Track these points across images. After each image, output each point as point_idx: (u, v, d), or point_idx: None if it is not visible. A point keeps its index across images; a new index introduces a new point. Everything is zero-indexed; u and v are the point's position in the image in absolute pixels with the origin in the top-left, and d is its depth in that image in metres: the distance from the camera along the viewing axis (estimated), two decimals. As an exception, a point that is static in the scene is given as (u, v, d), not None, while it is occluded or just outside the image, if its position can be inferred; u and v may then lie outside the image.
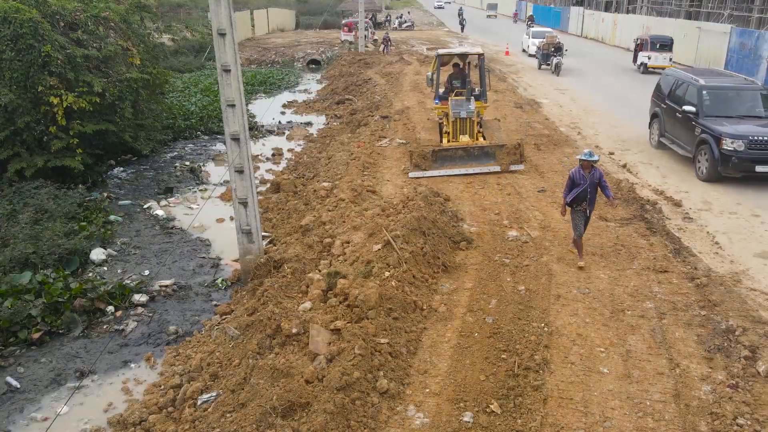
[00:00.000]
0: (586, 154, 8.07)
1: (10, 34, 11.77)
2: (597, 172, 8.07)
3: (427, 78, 14.49)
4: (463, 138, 12.82)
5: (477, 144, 12.66)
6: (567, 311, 7.26)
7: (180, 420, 6.32)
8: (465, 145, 12.56)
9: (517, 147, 12.45)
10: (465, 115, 12.76)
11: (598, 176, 8.07)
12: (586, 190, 8.01)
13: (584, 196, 8.04)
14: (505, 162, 12.35)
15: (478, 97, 13.72)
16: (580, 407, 5.69)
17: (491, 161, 12.43)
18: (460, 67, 14.33)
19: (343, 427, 5.45)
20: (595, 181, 8.03)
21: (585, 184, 7.99)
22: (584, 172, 8.01)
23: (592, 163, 7.99)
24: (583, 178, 8.01)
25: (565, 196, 8.22)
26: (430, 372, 6.30)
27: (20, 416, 6.70)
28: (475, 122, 12.99)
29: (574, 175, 8.05)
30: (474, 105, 12.99)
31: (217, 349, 7.42)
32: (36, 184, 11.86)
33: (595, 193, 8.15)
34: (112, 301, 8.71)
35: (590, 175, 8.01)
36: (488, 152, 12.47)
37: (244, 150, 8.64)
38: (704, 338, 6.65)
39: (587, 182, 7.99)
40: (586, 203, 8.11)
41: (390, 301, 7.08)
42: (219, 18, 8.05)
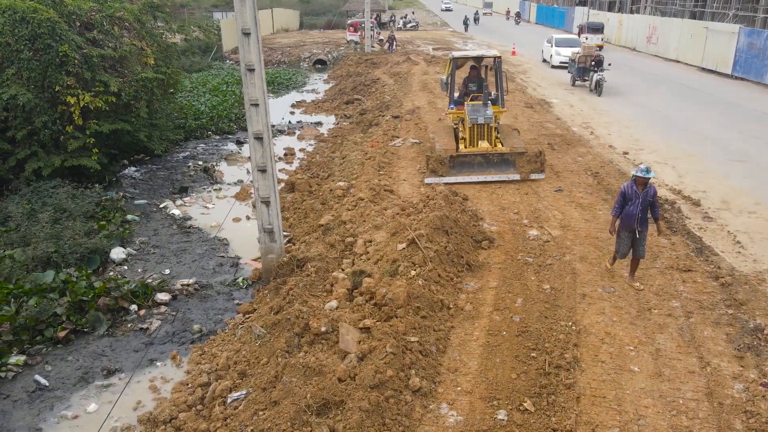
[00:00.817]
0: (642, 170, 7.40)
1: (28, 33, 11.80)
2: (651, 189, 7.47)
3: (442, 82, 14.02)
4: (482, 144, 12.28)
5: (496, 150, 12.15)
6: (593, 310, 7.28)
7: (210, 418, 6.33)
8: (484, 152, 12.06)
9: (539, 155, 11.97)
10: (483, 120, 12.21)
11: (652, 194, 7.46)
12: (639, 208, 7.42)
13: (635, 215, 7.46)
14: (525, 170, 11.93)
15: (495, 102, 13.18)
16: (613, 405, 5.70)
17: (511, 169, 12.00)
18: (476, 70, 13.80)
19: (379, 425, 5.47)
20: (648, 198, 7.44)
21: (637, 202, 7.39)
22: (638, 188, 7.42)
23: (647, 179, 7.36)
24: (636, 195, 7.41)
25: (614, 213, 7.63)
26: (460, 370, 6.32)
27: (50, 414, 6.72)
28: (493, 128, 12.50)
29: (626, 191, 7.49)
30: (491, 110, 12.50)
31: (243, 348, 7.44)
32: (53, 183, 11.89)
33: (647, 213, 7.58)
34: (135, 300, 8.74)
35: (644, 192, 7.40)
36: (508, 159, 12.02)
37: (268, 149, 8.66)
38: (733, 337, 6.66)
39: (639, 199, 7.39)
40: (636, 222, 7.49)
41: (418, 300, 7.10)
42: (244, 17, 8.06)
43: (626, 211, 7.46)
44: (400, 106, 19.66)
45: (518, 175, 11.90)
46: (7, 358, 7.41)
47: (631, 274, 7.82)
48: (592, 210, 10.46)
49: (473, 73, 13.71)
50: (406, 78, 25.23)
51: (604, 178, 12.09)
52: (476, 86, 13.53)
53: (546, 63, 29.24)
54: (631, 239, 7.63)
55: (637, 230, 7.51)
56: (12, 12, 11.77)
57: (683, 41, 29.60)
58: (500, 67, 13.23)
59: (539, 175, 11.95)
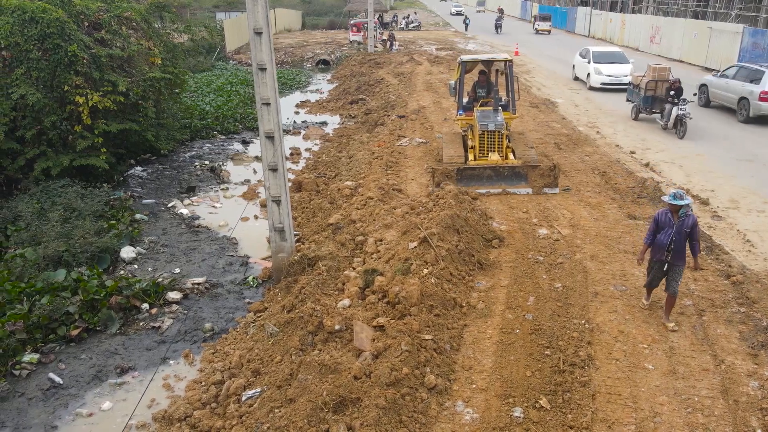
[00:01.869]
0: (670, 195, 6.63)
1: (37, 33, 11.84)
2: (690, 219, 6.61)
3: (450, 87, 13.46)
4: (492, 156, 11.65)
5: (507, 163, 11.51)
6: (606, 308, 7.30)
7: (225, 416, 6.36)
8: (494, 164, 11.42)
9: (552, 169, 11.26)
10: (494, 127, 11.58)
11: (690, 224, 6.60)
12: (672, 238, 6.65)
13: (666, 245, 6.68)
14: (538, 184, 11.26)
15: (506, 108, 12.52)
16: (629, 403, 5.72)
17: (522, 182, 11.35)
18: (485, 74, 13.24)
19: (396, 422, 5.49)
20: (685, 229, 6.60)
21: (670, 232, 6.64)
22: (672, 216, 6.67)
23: (681, 207, 6.58)
24: (670, 223, 6.65)
25: (646, 241, 6.99)
26: (475, 368, 6.34)
27: (65, 411, 6.75)
28: (504, 135, 11.88)
29: (659, 218, 6.77)
30: (502, 116, 11.85)
31: (255, 346, 7.46)
32: (62, 182, 11.92)
33: (684, 244, 6.70)
34: (147, 299, 8.77)
35: (680, 221, 6.60)
36: (519, 173, 11.39)
37: (279, 149, 8.68)
38: (746, 335, 6.68)
39: (673, 229, 6.63)
40: (667, 254, 6.71)
41: (431, 298, 7.12)
42: (256, 17, 8.10)
43: (658, 240, 6.77)
44: (405, 105, 19.68)
45: (530, 189, 11.28)
46: (21, 356, 7.44)
47: (665, 313, 6.99)
48: (601, 209, 10.48)
49: (482, 77, 13.19)
50: (410, 78, 25.25)
51: (612, 177, 12.11)
52: (486, 91, 13.04)
53: (579, 82, 23.41)
54: (661, 271, 6.87)
55: (667, 262, 6.76)
56: (21, 12, 11.80)
57: (687, 41, 29.61)
58: (512, 71, 12.63)
59: (553, 189, 11.27)
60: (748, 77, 16.77)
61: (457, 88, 12.91)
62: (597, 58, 22.16)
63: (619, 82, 20.72)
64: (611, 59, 22.05)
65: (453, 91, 13.25)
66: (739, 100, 16.82)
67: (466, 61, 13.09)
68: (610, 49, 24.12)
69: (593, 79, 21.74)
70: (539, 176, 11.31)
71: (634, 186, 11.49)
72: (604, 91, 21.34)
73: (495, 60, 13.19)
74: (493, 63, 13.45)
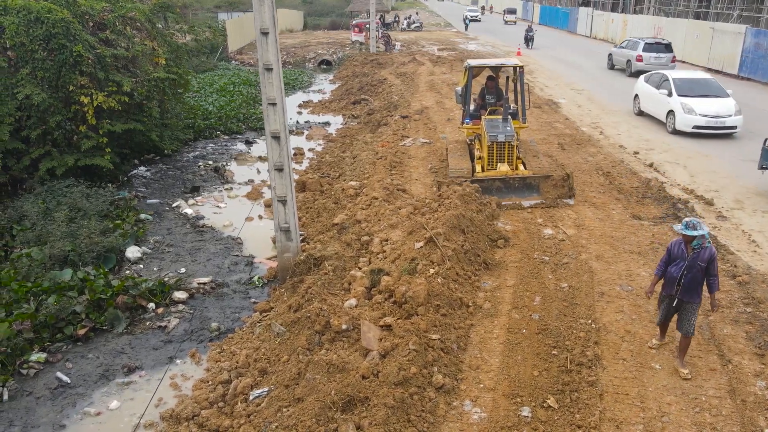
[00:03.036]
0: (683, 225, 5.87)
1: (42, 34, 11.86)
2: (706, 252, 5.85)
3: (456, 94, 12.61)
4: (501, 167, 10.88)
5: (518, 174, 10.78)
6: (612, 308, 7.31)
7: (233, 415, 6.37)
8: (503, 176, 10.70)
9: (566, 179, 10.62)
10: (503, 138, 10.77)
11: (706, 258, 5.85)
12: (683, 272, 5.94)
13: (676, 279, 5.99)
14: (551, 195, 10.61)
15: (515, 116, 11.86)
16: (636, 402, 5.74)
17: (534, 194, 10.66)
18: (494, 80, 12.50)
19: (404, 421, 5.50)
20: (699, 263, 5.85)
21: (682, 264, 5.93)
22: (686, 247, 5.93)
23: (694, 238, 5.83)
24: (682, 255, 5.93)
25: (656, 272, 6.29)
26: (482, 367, 6.36)
27: (73, 411, 6.76)
28: (515, 147, 11.06)
29: (672, 248, 6.08)
30: (512, 126, 11.11)
31: (262, 346, 7.48)
32: (67, 182, 11.94)
33: (698, 280, 5.91)
34: (153, 298, 8.79)
35: (694, 253, 5.88)
36: (531, 184, 10.71)
37: (285, 149, 8.70)
38: (753, 335, 6.69)
39: (686, 262, 5.91)
40: (677, 288, 6.00)
41: (437, 298, 7.13)
42: (262, 17, 8.11)
43: (668, 272, 6.08)
44: (408, 106, 19.70)
45: (543, 200, 10.62)
46: (29, 355, 7.46)
47: (678, 356, 6.22)
48: (606, 209, 10.49)
49: (491, 83, 12.43)
50: (412, 78, 25.27)
51: (616, 177, 12.12)
52: (494, 98, 12.28)
53: (646, 119, 17.14)
54: (671, 307, 6.17)
55: (677, 298, 6.05)
56: (27, 12, 11.82)
57: (689, 42, 29.62)
58: (522, 77, 11.89)
59: (568, 201, 10.62)
60: (631, 47, 25.42)
61: (464, 95, 12.22)
62: (682, 89, 15.61)
63: (721, 125, 14.88)
64: (703, 90, 15.62)
65: (460, 98, 12.45)
66: (627, 62, 25.19)
67: (474, 66, 12.33)
68: (698, 76, 16.89)
69: (680, 120, 15.21)
70: (552, 187, 10.69)
71: (639, 186, 11.50)
72: (697, 137, 15.01)
73: (504, 66, 12.53)
74: (501, 68, 12.79)
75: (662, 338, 6.57)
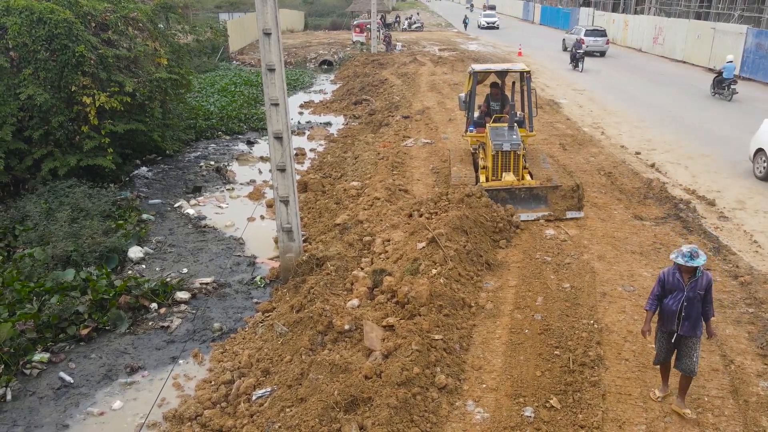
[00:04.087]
0: (684, 254, 5.18)
1: (45, 34, 11.89)
2: (704, 278, 5.31)
3: (460, 100, 12.10)
4: (506, 177, 10.35)
5: (524, 185, 10.21)
6: (614, 308, 7.32)
7: (236, 415, 6.39)
8: (509, 186, 10.14)
9: (575, 189, 10.00)
10: (509, 147, 10.21)
11: (704, 285, 5.30)
12: (683, 304, 5.33)
13: (676, 313, 5.37)
14: (559, 207, 9.99)
15: (521, 124, 11.33)
16: (639, 403, 5.74)
17: (542, 206, 10.06)
18: (498, 86, 11.92)
19: (407, 421, 5.51)
20: (699, 291, 5.29)
21: (681, 296, 5.32)
22: (682, 276, 5.32)
23: (696, 268, 5.24)
24: (679, 286, 5.32)
25: (648, 306, 5.59)
26: (485, 368, 6.36)
27: (76, 410, 6.78)
28: (521, 156, 10.51)
29: (665, 279, 5.42)
30: (519, 135, 10.51)
31: (264, 346, 7.49)
32: (69, 182, 11.97)
33: (698, 311, 5.36)
34: (156, 299, 8.81)
35: (691, 282, 5.28)
36: (538, 195, 10.11)
37: (287, 149, 8.71)
38: (755, 335, 6.69)
39: (684, 293, 5.30)
40: (677, 323, 5.40)
41: (440, 298, 7.14)
42: (265, 18, 8.12)
43: (665, 306, 5.44)
44: (409, 106, 19.72)
45: (551, 213, 10.02)
46: (32, 355, 7.48)
47: (679, 396, 5.63)
48: (607, 209, 10.50)
49: (495, 90, 11.83)
50: (413, 79, 25.28)
51: (618, 178, 12.13)
52: (500, 105, 11.69)
53: None
54: (670, 344, 5.53)
55: (677, 334, 5.43)
56: (29, 13, 11.85)
57: (690, 42, 29.63)
58: (529, 83, 11.34)
59: (577, 213, 10.01)
60: (577, 33, 33.22)
61: (468, 101, 11.67)
62: None
63: None
64: None
65: (464, 104, 11.89)
66: (574, 45, 29.17)
67: (478, 72, 11.69)
68: None
69: None
70: (560, 198, 10.07)
71: (640, 187, 11.50)
72: None
73: (510, 71, 11.87)
74: (507, 74, 12.10)
75: (665, 387, 5.80)
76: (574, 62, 27.53)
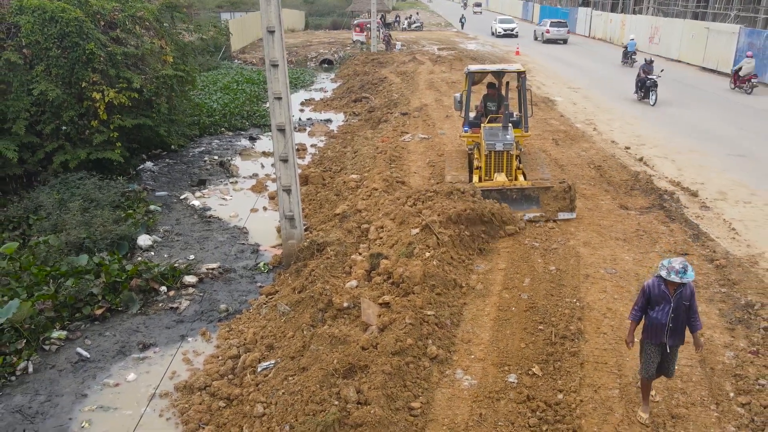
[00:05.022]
0: (678, 271, 5.10)
1: (56, 32, 12.38)
2: (688, 288, 5.30)
3: (455, 101, 12.03)
4: (498, 177, 10.41)
5: (515, 185, 10.23)
6: (596, 289, 7.81)
7: (243, 385, 6.88)
8: (500, 187, 10.17)
9: (567, 190, 9.97)
10: (501, 147, 10.30)
11: (688, 295, 5.30)
12: (669, 315, 5.31)
13: (665, 324, 5.34)
14: (551, 208, 9.99)
15: (517, 125, 11.36)
16: (614, 370, 6.24)
17: (533, 206, 10.08)
18: (495, 86, 11.94)
19: (400, 386, 6.01)
20: (684, 302, 5.30)
21: (668, 308, 5.30)
22: (667, 287, 5.29)
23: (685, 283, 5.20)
24: (666, 298, 5.30)
25: (632, 317, 5.58)
26: (473, 341, 6.86)
27: (93, 382, 7.27)
28: (514, 156, 10.59)
29: (650, 290, 5.38)
30: (512, 134, 10.56)
31: (268, 324, 7.98)
32: (80, 175, 12.45)
33: (685, 319, 5.37)
34: (165, 282, 9.29)
35: (677, 293, 5.28)
36: (530, 196, 10.12)
37: (289, 140, 9.20)
38: (725, 312, 7.19)
39: (672, 304, 5.29)
40: (666, 334, 5.37)
41: (433, 279, 7.64)
42: (269, 16, 8.62)
43: (652, 319, 5.40)
44: (408, 103, 20.21)
45: (543, 213, 10.02)
46: (50, 332, 7.97)
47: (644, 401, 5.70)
48: (595, 200, 10.99)
49: (492, 90, 11.84)
50: (412, 77, 25.77)
51: (607, 171, 12.62)
52: (495, 106, 11.67)
53: None
54: (658, 356, 5.49)
55: (667, 345, 5.42)
56: (41, 12, 12.34)
57: (685, 41, 30.11)
58: (524, 83, 11.40)
59: (569, 214, 9.99)
60: (543, 25, 40.97)
61: (463, 101, 11.70)
62: None
63: None
64: None
65: (458, 105, 11.86)
66: (541, 33, 39.51)
67: (474, 72, 11.79)
68: None
69: None
70: (553, 199, 10.08)
71: (628, 179, 11.99)
72: None
73: (506, 71, 11.95)
74: (503, 74, 12.17)
75: (647, 405, 5.67)
76: (643, 91, 19.84)
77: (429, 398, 5.95)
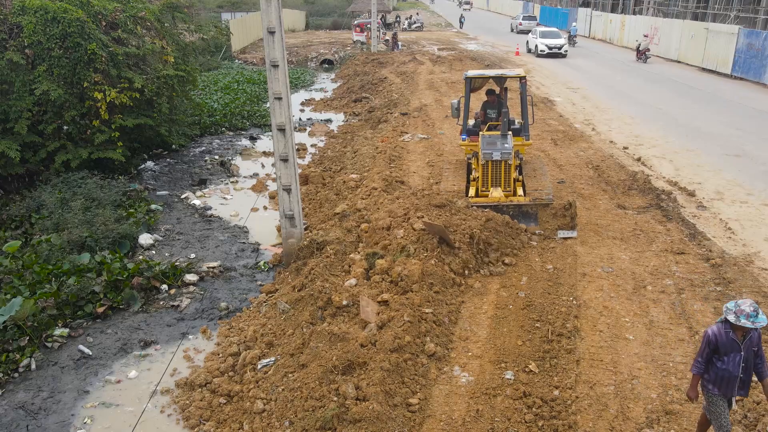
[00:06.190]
0: (750, 315, 4.52)
1: (58, 33, 12.46)
2: (756, 332, 4.73)
3: (452, 107, 11.30)
4: (494, 192, 9.86)
5: (512, 201, 9.71)
6: (593, 287, 7.89)
7: (243, 381, 6.96)
8: (495, 202, 9.66)
9: (568, 208, 9.57)
10: (499, 157, 9.72)
11: (756, 340, 4.74)
12: (739, 365, 4.70)
13: (737, 376, 4.72)
14: (550, 226, 9.58)
15: (518, 132, 10.80)
16: (610, 367, 6.32)
17: (532, 224, 9.60)
18: (495, 93, 11.35)
19: (398, 383, 6.09)
20: (753, 349, 4.73)
21: (738, 357, 4.69)
22: (736, 334, 4.68)
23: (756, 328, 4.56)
24: (735, 346, 4.68)
25: (696, 370, 4.92)
26: (471, 338, 6.94)
27: (95, 379, 7.36)
28: (513, 167, 10.00)
29: (716, 338, 4.73)
30: (511, 143, 9.90)
31: (268, 322, 8.07)
32: (81, 174, 12.55)
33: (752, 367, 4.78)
34: (166, 280, 9.38)
35: (745, 339, 4.70)
36: (528, 212, 9.67)
37: (289, 140, 9.29)
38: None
39: (743, 353, 4.68)
40: (737, 387, 4.78)
41: (431, 277, 7.72)
42: (269, 17, 8.70)
43: (722, 370, 4.75)
44: (407, 103, 20.29)
45: (541, 231, 9.55)
46: (53, 330, 8.06)
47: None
48: (593, 199, 11.07)
49: (492, 96, 11.26)
50: (412, 77, 25.85)
51: (605, 170, 12.70)
52: (496, 113, 11.01)
53: None
54: (728, 409, 4.90)
55: (734, 398, 4.86)
56: (44, 12, 12.43)
57: (684, 42, 30.18)
58: (525, 89, 11.02)
59: (570, 233, 9.42)
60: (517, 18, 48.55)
61: (461, 108, 11.14)
62: None
63: None
64: None
65: (456, 112, 11.19)
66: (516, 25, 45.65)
67: (472, 77, 11.30)
68: None
69: None
70: (552, 216, 9.68)
71: (626, 179, 12.08)
72: None
73: (506, 76, 11.43)
74: (504, 80, 11.57)
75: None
76: None
77: (427, 394, 6.03)
